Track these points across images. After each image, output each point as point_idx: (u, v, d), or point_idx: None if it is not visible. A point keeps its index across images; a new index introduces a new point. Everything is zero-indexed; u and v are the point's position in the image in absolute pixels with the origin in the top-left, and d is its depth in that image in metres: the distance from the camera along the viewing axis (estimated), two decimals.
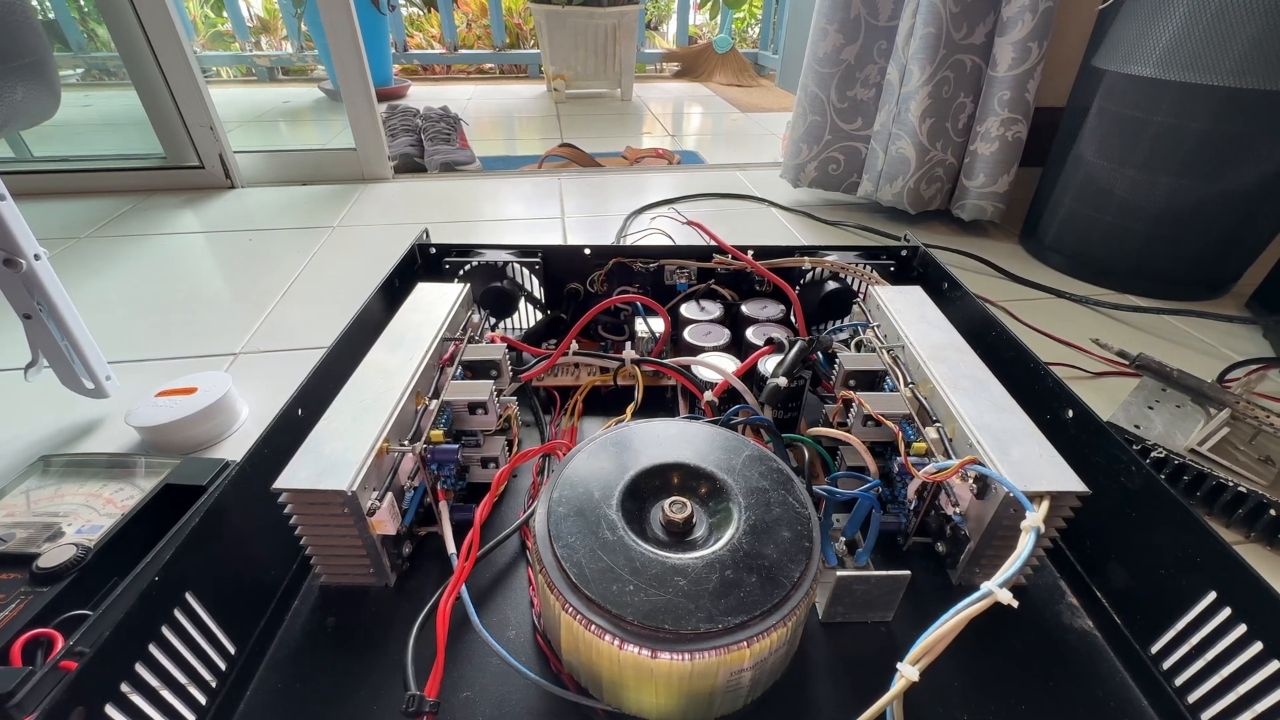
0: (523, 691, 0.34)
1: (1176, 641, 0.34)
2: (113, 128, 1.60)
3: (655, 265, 0.61)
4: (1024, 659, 0.37)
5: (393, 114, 1.41)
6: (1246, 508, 0.46)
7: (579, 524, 0.32)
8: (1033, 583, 0.41)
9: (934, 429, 0.40)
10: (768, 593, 0.29)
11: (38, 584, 0.36)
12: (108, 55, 2.06)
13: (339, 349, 0.45)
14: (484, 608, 0.39)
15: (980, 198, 0.95)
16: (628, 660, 0.28)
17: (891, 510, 0.43)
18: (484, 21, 2.64)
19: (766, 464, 0.37)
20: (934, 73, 0.88)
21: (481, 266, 0.60)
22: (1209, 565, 0.32)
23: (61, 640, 0.33)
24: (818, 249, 0.62)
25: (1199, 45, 0.69)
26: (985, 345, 0.47)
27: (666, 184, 1.24)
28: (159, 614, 0.29)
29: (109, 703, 0.26)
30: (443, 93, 2.34)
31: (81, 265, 0.88)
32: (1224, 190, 0.75)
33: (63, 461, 0.47)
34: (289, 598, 0.39)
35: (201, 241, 0.97)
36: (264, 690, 0.34)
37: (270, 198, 1.14)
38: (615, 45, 2.10)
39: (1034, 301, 0.82)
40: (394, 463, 0.38)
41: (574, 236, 1.01)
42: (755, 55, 2.70)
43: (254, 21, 2.57)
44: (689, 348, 0.55)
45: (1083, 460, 0.36)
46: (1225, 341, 0.74)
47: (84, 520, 0.42)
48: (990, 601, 0.28)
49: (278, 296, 0.80)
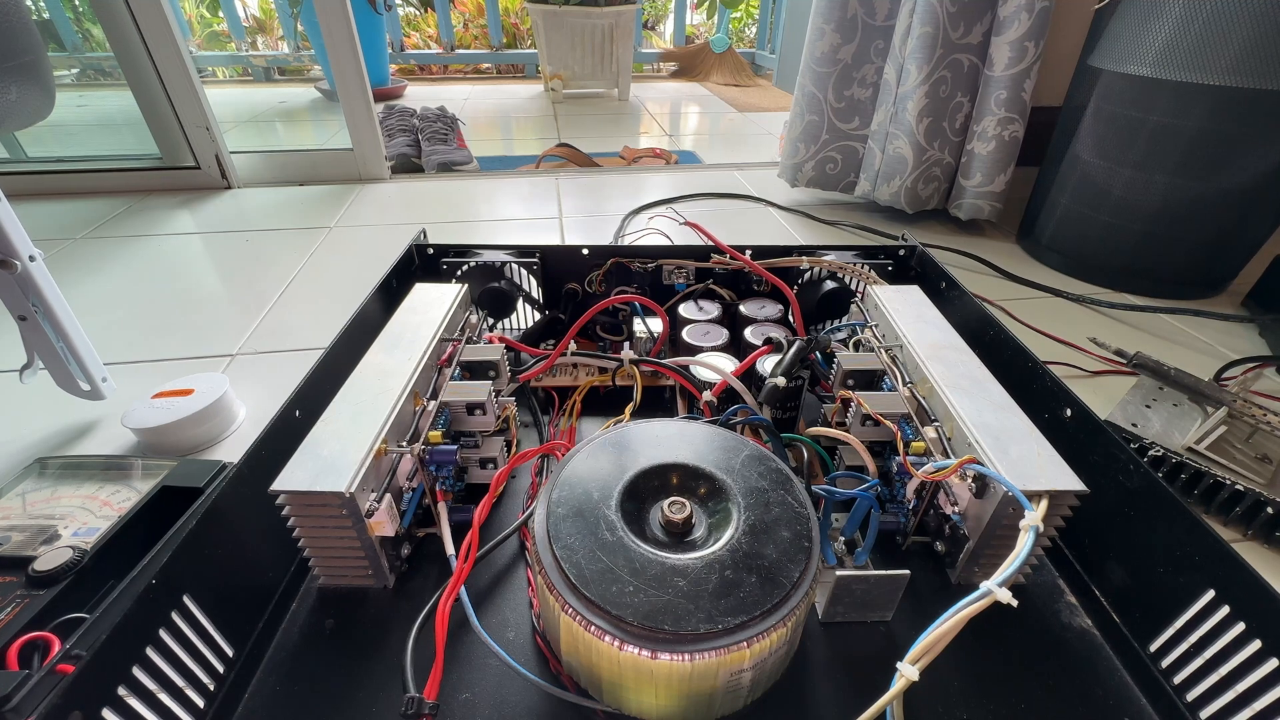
0: (522, 693, 0.34)
1: (1175, 639, 0.34)
2: (108, 128, 1.59)
3: (653, 265, 0.60)
4: (1023, 658, 0.37)
5: (390, 114, 1.41)
6: (1244, 505, 0.46)
7: (578, 525, 0.32)
8: (1031, 582, 0.41)
9: (932, 428, 0.40)
10: (767, 593, 0.29)
11: (34, 587, 0.36)
12: (103, 55, 2.05)
13: (336, 350, 0.45)
14: (483, 609, 0.39)
15: (977, 197, 0.96)
16: (627, 661, 0.28)
17: (890, 510, 0.43)
18: (481, 21, 2.64)
19: (765, 464, 0.37)
20: (931, 72, 0.88)
21: (479, 267, 0.60)
22: (1207, 563, 0.32)
23: (58, 643, 0.33)
24: (815, 249, 0.62)
25: (1194, 45, 0.70)
26: (983, 344, 0.47)
27: (664, 184, 1.24)
28: (156, 617, 0.29)
29: (106, 706, 0.26)
30: (440, 93, 2.34)
31: (77, 266, 0.87)
32: (1220, 189, 0.75)
33: (59, 464, 0.47)
34: (287, 600, 0.39)
35: (198, 242, 0.96)
36: (262, 693, 0.34)
37: (267, 198, 1.14)
38: (612, 45, 2.10)
39: (1031, 300, 0.82)
40: (392, 464, 0.37)
41: (572, 236, 1.00)
42: (752, 55, 2.71)
43: (250, 21, 2.56)
44: (687, 348, 0.55)
45: (1081, 459, 0.36)
46: (1222, 340, 0.74)
47: (80, 523, 0.41)
48: (989, 600, 0.28)
49: (275, 297, 0.80)
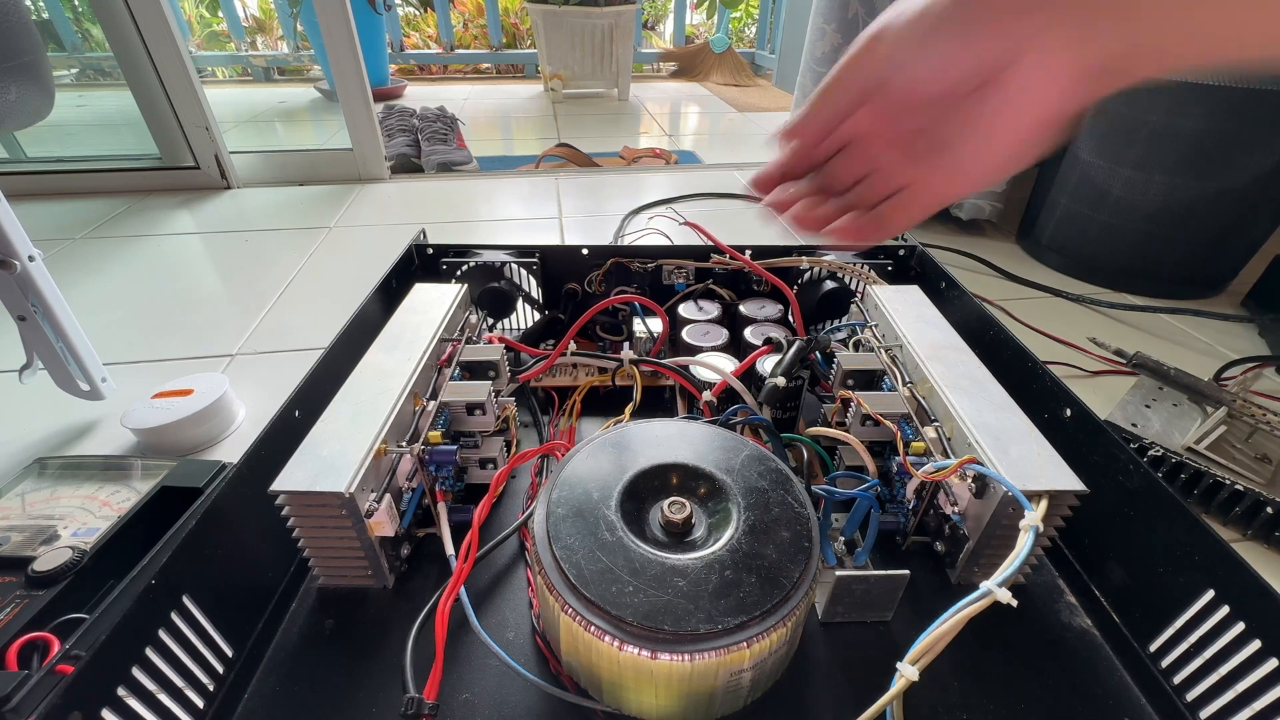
0: (522, 693, 0.34)
1: (1174, 639, 0.34)
2: (108, 128, 1.59)
3: (653, 265, 0.60)
4: (1023, 658, 0.37)
5: (389, 114, 1.41)
6: (1243, 505, 0.46)
7: (578, 525, 0.32)
8: (1031, 581, 0.41)
9: (932, 428, 0.40)
10: (767, 593, 0.29)
11: (34, 587, 0.36)
12: (102, 55, 2.05)
13: (336, 350, 0.45)
14: (483, 609, 0.39)
15: (977, 197, 0.96)
16: (627, 661, 0.28)
17: (890, 510, 0.43)
18: (480, 21, 2.63)
19: (765, 464, 0.37)
20: None
21: (479, 267, 0.60)
22: (1206, 563, 0.32)
23: (58, 644, 0.33)
24: (815, 249, 0.62)
25: None
26: (983, 344, 0.47)
27: (664, 184, 1.24)
28: (156, 617, 0.29)
29: (106, 707, 0.26)
30: (439, 93, 2.34)
31: (77, 266, 0.87)
32: (1219, 189, 0.75)
33: (58, 464, 0.47)
34: (287, 600, 0.39)
35: (197, 242, 0.96)
36: (262, 693, 0.34)
37: (266, 198, 1.14)
38: (612, 45, 2.10)
39: (1031, 300, 0.82)
40: (392, 464, 0.37)
41: (571, 236, 1.00)
42: (752, 55, 2.70)
43: (249, 21, 2.56)
44: (687, 348, 0.55)
45: (1080, 459, 0.36)
46: (1221, 340, 0.74)
47: (80, 523, 0.41)
48: (989, 600, 0.28)
49: (274, 297, 0.80)
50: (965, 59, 0.24)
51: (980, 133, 0.25)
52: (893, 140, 0.28)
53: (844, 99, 0.28)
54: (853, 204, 0.29)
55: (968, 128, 0.25)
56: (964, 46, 0.23)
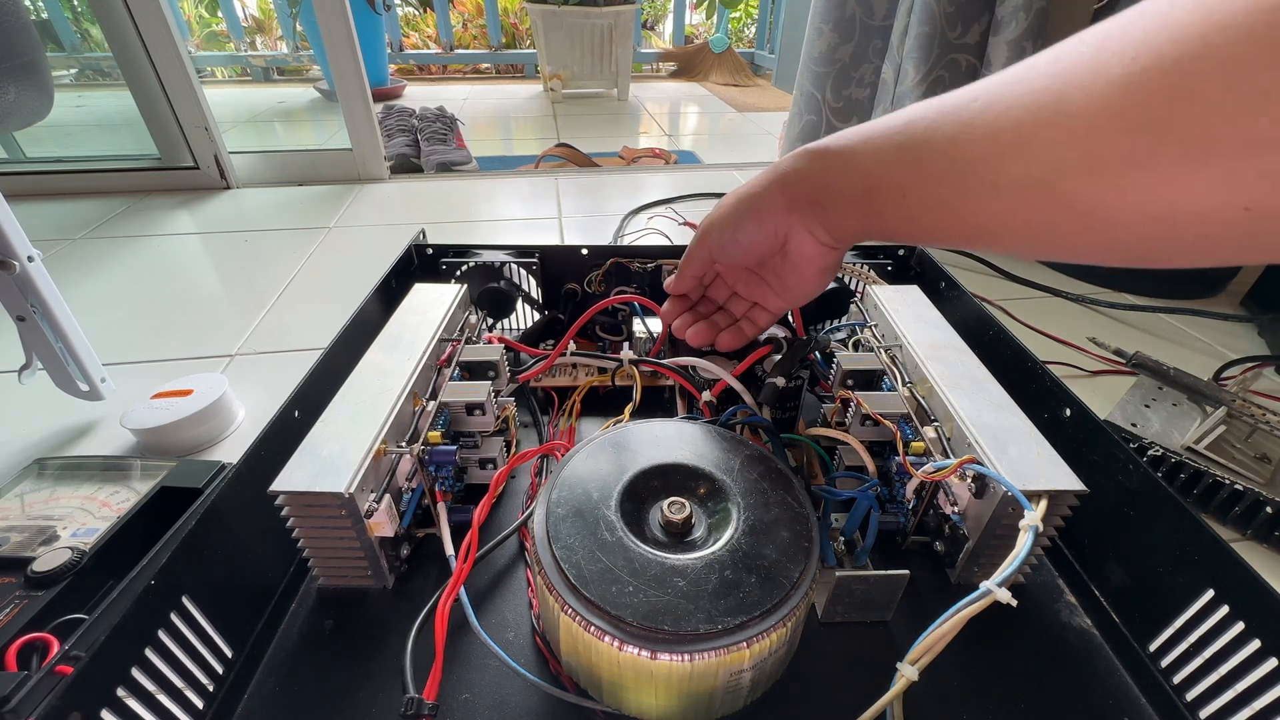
0: (522, 693, 0.34)
1: (1174, 639, 0.34)
2: (107, 128, 1.59)
3: (653, 265, 0.60)
4: (1023, 657, 0.37)
5: (389, 114, 1.41)
6: (1243, 505, 0.46)
7: (577, 525, 0.32)
8: (1031, 581, 0.41)
9: (932, 428, 0.40)
10: (767, 593, 0.29)
11: (33, 588, 0.36)
12: (102, 56, 2.04)
13: (336, 350, 0.45)
14: (482, 609, 0.39)
15: None
16: (627, 661, 0.28)
17: (890, 510, 0.43)
18: (480, 21, 2.64)
19: (765, 464, 0.37)
20: (929, 72, 0.88)
21: (478, 267, 0.60)
22: (1206, 563, 0.32)
23: (57, 644, 0.33)
24: None
25: None
26: (983, 344, 0.47)
27: (663, 184, 1.24)
28: (155, 618, 0.29)
29: (105, 707, 0.26)
30: (439, 93, 2.34)
31: (76, 267, 0.87)
32: None
33: (58, 464, 0.47)
34: (286, 600, 0.39)
35: (197, 243, 0.96)
36: (261, 694, 0.34)
37: (266, 198, 1.14)
38: (611, 45, 2.10)
39: (1031, 300, 0.82)
40: (392, 464, 0.37)
41: (571, 236, 1.00)
42: (751, 55, 2.71)
43: (249, 22, 2.56)
44: (687, 348, 0.55)
45: (1080, 459, 0.36)
46: (1221, 340, 0.74)
47: (79, 523, 0.41)
48: (989, 600, 0.28)
49: (274, 298, 0.80)
50: (760, 237, 0.37)
51: (786, 274, 0.39)
52: (739, 277, 0.43)
53: (699, 266, 0.42)
54: (720, 323, 0.45)
55: (779, 271, 0.40)
56: (757, 229, 0.37)
